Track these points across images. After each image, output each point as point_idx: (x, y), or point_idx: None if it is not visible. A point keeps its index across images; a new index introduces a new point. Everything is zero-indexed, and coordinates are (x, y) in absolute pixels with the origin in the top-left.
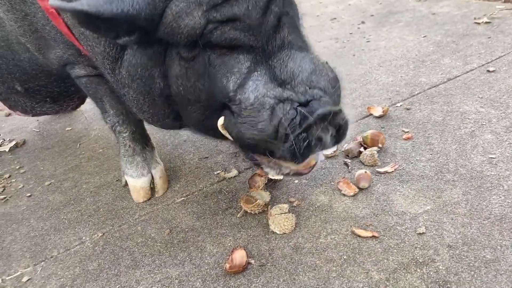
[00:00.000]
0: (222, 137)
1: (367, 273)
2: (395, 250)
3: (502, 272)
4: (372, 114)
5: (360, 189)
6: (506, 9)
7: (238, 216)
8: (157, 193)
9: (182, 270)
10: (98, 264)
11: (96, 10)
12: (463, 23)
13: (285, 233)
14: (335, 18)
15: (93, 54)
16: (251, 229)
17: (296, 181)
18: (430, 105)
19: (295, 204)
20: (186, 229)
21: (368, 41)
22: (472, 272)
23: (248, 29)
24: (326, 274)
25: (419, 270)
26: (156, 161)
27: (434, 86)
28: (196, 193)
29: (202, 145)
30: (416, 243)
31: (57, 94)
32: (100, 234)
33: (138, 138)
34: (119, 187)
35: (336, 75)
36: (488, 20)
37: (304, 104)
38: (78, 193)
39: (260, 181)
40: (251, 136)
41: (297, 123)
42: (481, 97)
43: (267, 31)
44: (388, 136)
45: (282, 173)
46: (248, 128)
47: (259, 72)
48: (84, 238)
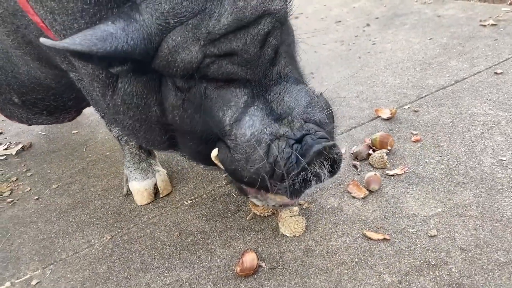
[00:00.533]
0: (217, 166)
1: (379, 276)
2: (407, 253)
3: None
4: (380, 117)
5: (370, 192)
6: None
7: (248, 219)
8: (161, 194)
9: (193, 273)
10: (108, 267)
11: (90, 50)
12: (469, 26)
13: (296, 236)
14: (340, 21)
15: (81, 75)
16: (261, 232)
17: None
18: (438, 107)
19: (305, 207)
20: (195, 232)
21: (374, 44)
22: (486, 275)
23: (246, 63)
24: (338, 277)
25: (432, 273)
26: (159, 167)
27: (442, 89)
28: (205, 196)
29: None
30: (428, 246)
31: (54, 108)
32: (109, 237)
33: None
34: None
35: (331, 107)
36: (494, 23)
37: (299, 140)
38: (86, 196)
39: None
40: (247, 174)
41: (294, 162)
42: (489, 99)
43: (264, 64)
44: (397, 139)
45: (268, 205)
46: (244, 165)
47: (256, 107)
48: (93, 241)
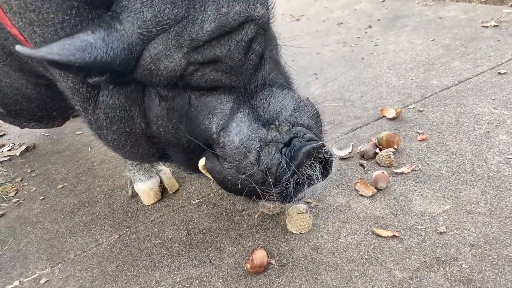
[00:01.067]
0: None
1: (390, 272)
2: (417, 249)
3: None
4: (385, 116)
5: (378, 190)
6: None
7: (256, 217)
8: (170, 191)
9: (202, 271)
10: (117, 266)
11: (68, 60)
12: (471, 27)
13: (302, 234)
14: (342, 23)
15: (63, 88)
16: (270, 230)
17: (320, 184)
18: (443, 107)
19: (313, 205)
20: (204, 230)
21: (376, 45)
22: (496, 271)
23: (230, 70)
24: (348, 274)
25: (442, 269)
26: (161, 165)
27: (446, 89)
28: (212, 195)
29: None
30: (438, 242)
31: (39, 118)
32: (117, 236)
33: None
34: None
35: (317, 111)
36: (496, 24)
37: (288, 144)
38: (92, 196)
39: None
40: (237, 182)
41: (284, 167)
42: (494, 99)
43: (249, 71)
44: (403, 138)
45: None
46: (234, 173)
47: (242, 113)
48: (101, 240)
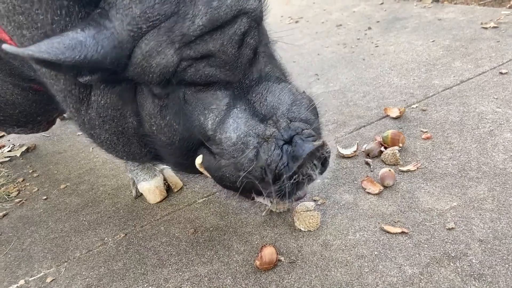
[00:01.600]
0: (198, 174)
1: (400, 268)
2: (426, 245)
3: None
4: (389, 115)
5: (385, 187)
6: None
7: (263, 215)
8: (175, 188)
9: (211, 268)
10: (124, 264)
11: (57, 58)
12: (470, 28)
13: (310, 231)
14: (341, 25)
15: (53, 91)
16: (277, 228)
17: (318, 180)
18: (446, 106)
19: (320, 203)
20: (211, 228)
21: (377, 46)
22: (507, 265)
23: (224, 65)
24: (358, 270)
25: (452, 264)
26: (162, 164)
27: (448, 88)
28: (217, 194)
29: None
30: (447, 238)
31: (24, 123)
32: (123, 235)
33: None
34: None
35: (315, 103)
36: (495, 25)
37: (288, 141)
38: (96, 196)
39: None
40: (235, 179)
41: (286, 164)
42: (496, 98)
43: (244, 65)
44: (407, 136)
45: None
46: (232, 170)
47: (239, 109)
48: (106, 239)
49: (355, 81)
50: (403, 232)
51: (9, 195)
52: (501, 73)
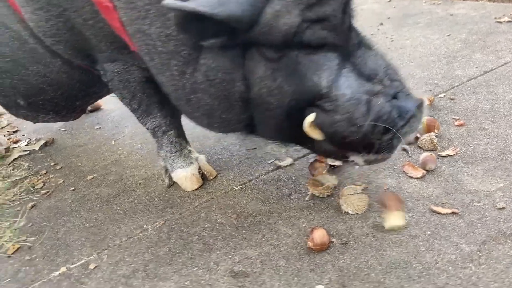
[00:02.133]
0: (299, 142)
1: (456, 246)
2: (479, 224)
3: None
4: None
5: (427, 171)
6: None
7: (306, 200)
8: (210, 176)
9: (261, 251)
10: (169, 249)
11: (212, 12)
12: (485, 23)
13: (358, 213)
14: None
15: (152, 54)
16: (323, 211)
17: (357, 167)
18: (474, 95)
19: (363, 187)
20: (254, 214)
21: (392, 40)
22: None
23: (333, 29)
24: (414, 249)
25: (510, 241)
26: (196, 153)
27: (473, 78)
28: (254, 181)
29: (247, 137)
30: (499, 217)
31: (62, 108)
32: (162, 222)
33: (181, 134)
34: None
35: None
36: (510, 19)
37: (394, 97)
38: (126, 185)
39: (321, 167)
40: (348, 134)
41: (395, 116)
42: None
43: (346, 31)
44: (440, 124)
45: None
46: (345, 125)
47: (348, 69)
48: (145, 226)
49: None
50: (454, 213)
51: (35, 187)
52: None
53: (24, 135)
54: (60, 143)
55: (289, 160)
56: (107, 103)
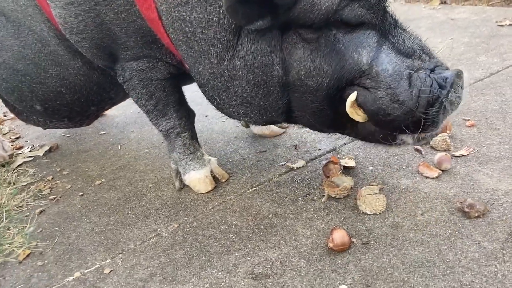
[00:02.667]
0: (339, 127)
1: (479, 244)
2: (500, 222)
3: None
4: None
5: (442, 171)
6: None
7: (323, 201)
8: (223, 179)
9: (280, 252)
10: (185, 252)
11: None
12: (486, 26)
13: (376, 214)
14: None
15: (191, 42)
16: (340, 212)
17: (371, 168)
18: (482, 96)
19: (379, 188)
20: (270, 216)
21: None
22: None
23: (370, 7)
24: (436, 247)
25: None
26: (207, 155)
27: (479, 80)
28: (267, 183)
29: (256, 140)
30: None
31: (76, 114)
32: (176, 225)
33: (194, 136)
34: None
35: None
36: (511, 23)
37: (433, 71)
38: (136, 190)
39: (335, 169)
40: (392, 110)
41: (437, 88)
42: None
43: (382, 10)
44: (451, 124)
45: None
46: (388, 101)
47: (387, 46)
48: (159, 230)
49: None
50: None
51: (42, 193)
52: None
53: (27, 141)
54: (65, 149)
55: (302, 162)
56: (111, 109)
